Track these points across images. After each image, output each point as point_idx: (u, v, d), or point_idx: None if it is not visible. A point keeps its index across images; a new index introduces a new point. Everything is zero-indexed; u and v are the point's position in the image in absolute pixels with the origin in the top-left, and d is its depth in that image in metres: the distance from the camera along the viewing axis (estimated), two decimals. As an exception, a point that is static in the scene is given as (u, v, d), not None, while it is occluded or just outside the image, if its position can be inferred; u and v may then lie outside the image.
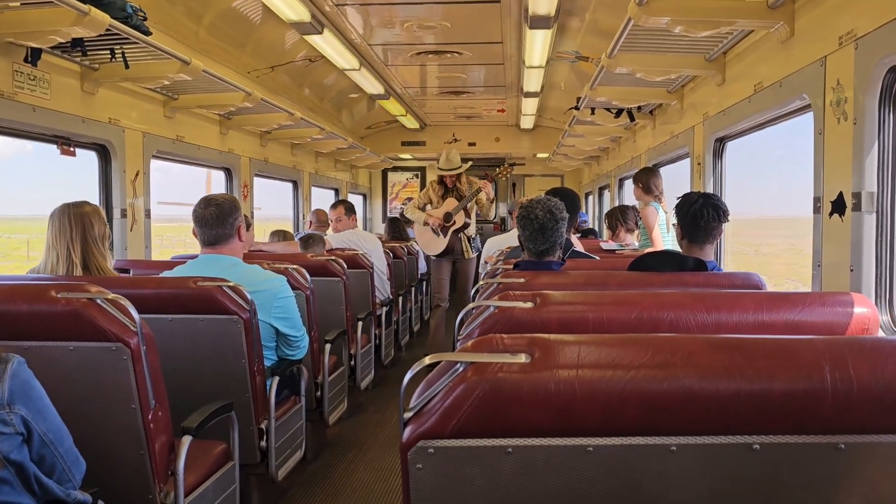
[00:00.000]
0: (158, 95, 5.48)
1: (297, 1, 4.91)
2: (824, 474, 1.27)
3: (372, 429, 5.33)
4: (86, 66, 4.53)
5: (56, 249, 3.11)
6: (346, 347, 5.19)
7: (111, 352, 2.36)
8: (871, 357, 1.26)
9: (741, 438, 1.26)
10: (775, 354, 1.27)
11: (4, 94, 3.84)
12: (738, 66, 4.42)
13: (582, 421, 1.26)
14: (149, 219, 5.33)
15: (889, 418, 1.25)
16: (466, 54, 7.27)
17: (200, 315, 3.06)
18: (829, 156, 3.18)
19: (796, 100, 3.56)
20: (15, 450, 1.84)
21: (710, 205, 3.31)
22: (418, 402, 1.33)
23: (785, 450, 1.26)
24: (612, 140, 8.57)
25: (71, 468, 1.98)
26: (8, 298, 2.37)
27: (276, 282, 3.56)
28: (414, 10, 5.75)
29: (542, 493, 1.29)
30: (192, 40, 5.25)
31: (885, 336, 2.74)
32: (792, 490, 1.28)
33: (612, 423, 1.26)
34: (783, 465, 1.27)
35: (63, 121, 4.37)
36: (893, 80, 2.83)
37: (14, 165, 16.56)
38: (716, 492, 1.29)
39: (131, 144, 5.11)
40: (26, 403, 1.85)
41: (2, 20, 3.51)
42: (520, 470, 1.27)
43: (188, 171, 6.56)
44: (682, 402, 1.25)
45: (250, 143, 7.45)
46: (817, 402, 1.24)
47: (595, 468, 1.27)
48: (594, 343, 1.31)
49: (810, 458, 1.26)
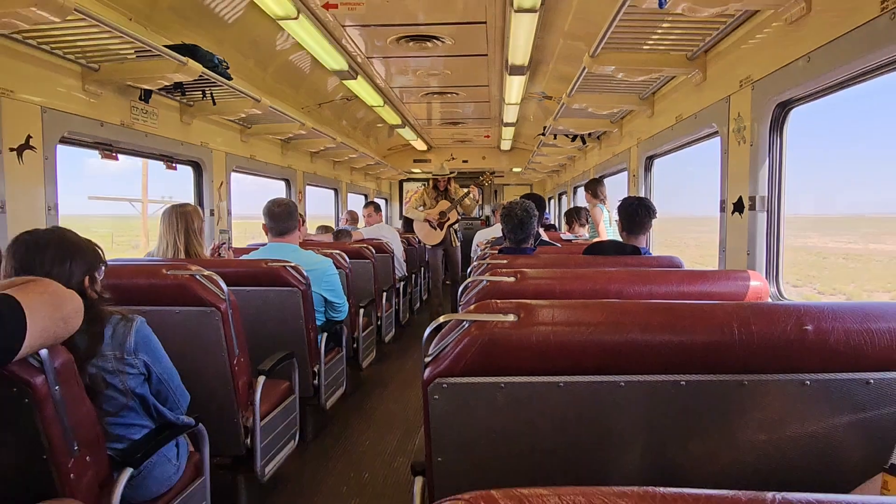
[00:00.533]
0: (236, 125, 5.46)
1: (337, 55, 4.89)
2: (732, 403, 1.28)
3: (394, 371, 5.36)
4: (183, 103, 4.53)
5: (166, 239, 3.14)
6: (375, 311, 5.22)
7: (207, 314, 2.39)
8: (766, 317, 1.26)
9: (671, 377, 1.27)
10: (696, 315, 1.28)
11: (125, 123, 3.83)
12: (664, 103, 4.41)
13: (555, 364, 1.27)
14: (230, 216, 5.33)
15: (779, 362, 1.26)
16: (462, 94, 7.24)
17: (270, 287, 3.08)
18: (732, 169, 3.18)
19: (707, 128, 3.56)
20: (139, 385, 1.86)
21: (643, 206, 3.32)
22: (435, 350, 1.34)
23: (703, 385, 1.27)
24: (569, 158, 8.55)
25: (179, 400, 2.00)
26: (132, 275, 2.39)
27: (325, 263, 3.57)
28: (423, 62, 5.73)
29: (525, 417, 1.31)
30: (260, 84, 5.23)
31: (774, 302, 2.76)
32: (709, 414, 1.29)
33: (577, 366, 1.27)
34: (702, 396, 1.28)
35: (167, 144, 4.36)
36: (780, 114, 2.84)
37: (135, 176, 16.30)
38: (653, 416, 1.30)
39: (217, 161, 5.10)
40: (147, 351, 1.87)
41: (123, 69, 3.50)
42: (509, 400, 1.28)
43: (255, 181, 6.58)
44: (627, 351, 1.26)
45: (303, 161, 7.43)
46: (727, 351, 1.25)
47: (565, 399, 1.28)
48: (564, 307, 1.31)
49: (722, 391, 1.27)
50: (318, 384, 3.42)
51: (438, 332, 1.40)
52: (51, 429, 1.46)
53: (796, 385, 1.27)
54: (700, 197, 21.76)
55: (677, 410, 1.28)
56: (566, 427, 1.30)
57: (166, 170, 4.50)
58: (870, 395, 1.27)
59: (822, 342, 1.24)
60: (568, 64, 4.95)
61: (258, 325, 2.97)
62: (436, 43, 5.05)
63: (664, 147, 4.51)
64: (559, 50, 4.87)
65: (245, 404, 2.56)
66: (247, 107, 4.65)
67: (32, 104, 3.09)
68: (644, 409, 1.29)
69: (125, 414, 1.82)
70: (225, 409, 2.50)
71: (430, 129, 9.86)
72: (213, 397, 2.46)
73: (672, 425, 1.30)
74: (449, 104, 7.86)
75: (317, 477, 3.20)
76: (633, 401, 1.28)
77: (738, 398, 1.28)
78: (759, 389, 1.27)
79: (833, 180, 45.22)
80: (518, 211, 3.46)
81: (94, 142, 3.65)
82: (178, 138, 4.50)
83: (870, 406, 1.28)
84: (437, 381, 1.28)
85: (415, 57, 5.52)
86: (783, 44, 2.65)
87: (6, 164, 2.91)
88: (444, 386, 1.28)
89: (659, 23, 3.07)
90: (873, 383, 1.26)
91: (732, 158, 3.17)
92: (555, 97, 6.08)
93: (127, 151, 4.00)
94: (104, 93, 3.62)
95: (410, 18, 4.46)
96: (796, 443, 1.30)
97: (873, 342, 1.24)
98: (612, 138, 6.11)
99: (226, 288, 2.44)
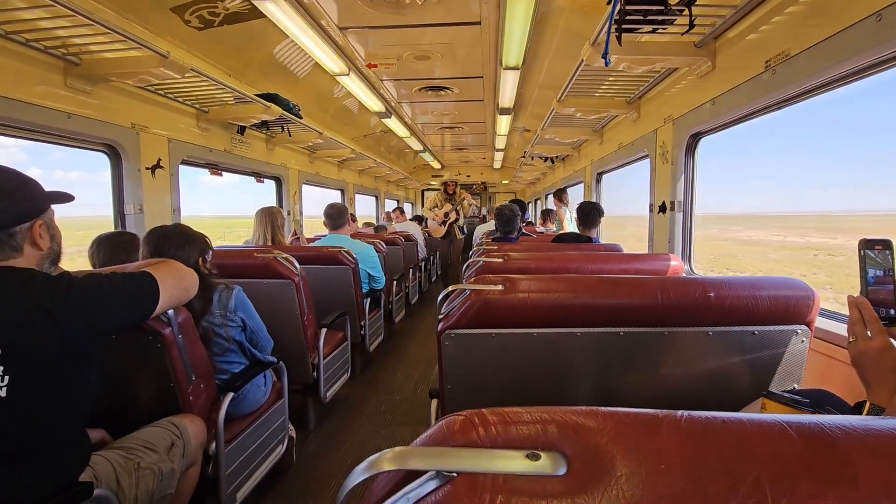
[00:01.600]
0: (305, 150, 5.44)
1: (377, 100, 4.86)
2: (657, 348, 1.27)
3: (418, 325, 5.36)
4: (268, 135, 4.51)
5: (258, 231, 3.14)
6: (404, 282, 5.20)
7: (285, 285, 2.39)
8: (681, 287, 1.25)
9: (614, 329, 1.26)
10: (631, 285, 1.27)
11: (227, 149, 3.83)
12: (610, 133, 4.35)
13: (530, 320, 1.27)
14: (302, 216, 5.34)
15: (690, 318, 1.25)
16: (465, 128, 7.17)
17: (329, 266, 3.08)
18: (658, 181, 3.14)
19: (640, 152, 3.51)
20: (237, 334, 1.87)
21: (594, 208, 3.29)
22: (445, 310, 1.34)
23: (636, 335, 1.26)
24: (542, 174, 8.48)
25: (265, 345, 2.01)
26: (234, 257, 2.40)
27: (369, 248, 3.56)
28: (438, 105, 5.66)
29: (509, 358, 1.30)
30: (322, 121, 5.21)
31: (687, 276, 2.74)
32: (640, 356, 1.29)
33: (545, 321, 1.27)
34: (636, 343, 1.27)
35: (257, 165, 4.36)
36: (693, 142, 2.79)
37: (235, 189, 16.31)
38: (600, 357, 1.29)
39: (292, 177, 5.09)
40: (243, 310, 1.88)
41: (225, 111, 3.50)
42: (498, 346, 1.28)
43: (319, 191, 6.54)
44: (582, 310, 1.26)
45: (354, 176, 7.40)
46: (653, 310, 1.24)
47: (537, 345, 1.28)
48: (537, 280, 1.31)
49: (649, 339, 1.27)
50: (363, 334, 3.44)
51: (448, 297, 1.40)
52: (175, 364, 1.48)
53: (702, 335, 1.26)
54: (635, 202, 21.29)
55: (617, 353, 1.28)
56: (538, 365, 1.30)
57: (256, 183, 4.51)
58: (754, 342, 1.26)
59: (721, 304, 1.23)
60: (541, 106, 4.89)
61: (321, 292, 2.97)
62: (447, 92, 5.00)
63: (610, 166, 4.45)
64: (535, 97, 4.80)
65: (312, 348, 2.57)
66: (313, 138, 4.64)
67: (162, 136, 3.10)
68: (594, 353, 1.28)
69: (228, 355, 1.84)
70: (298, 351, 2.52)
71: (443, 153, 9.79)
72: (289, 343, 2.47)
73: (614, 364, 1.30)
74: (456, 135, 7.79)
75: (363, 399, 3.22)
76: (586, 346, 1.27)
77: (661, 344, 1.27)
78: (675, 338, 1.26)
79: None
80: (506, 211, 3.45)
81: (204, 163, 3.66)
82: (264, 160, 4.49)
83: (754, 350, 1.27)
84: (447, 332, 1.28)
85: (432, 101, 5.47)
86: (695, 91, 2.60)
87: (144, 179, 2.93)
88: (452, 335, 1.28)
89: (606, 77, 3.03)
90: (757, 334, 1.25)
91: (658, 174, 3.12)
92: (532, 130, 6.01)
93: (228, 170, 4.02)
94: (212, 128, 3.62)
95: (429, 74, 4.42)
96: (701, 376, 1.30)
97: (757, 305, 1.23)
98: (573, 160, 6.04)
99: (298, 266, 2.44)
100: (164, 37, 2.90)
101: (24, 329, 1.03)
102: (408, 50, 3.75)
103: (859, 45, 1.50)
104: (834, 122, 16.99)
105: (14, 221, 1.10)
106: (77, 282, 1.13)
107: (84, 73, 2.43)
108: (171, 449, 1.41)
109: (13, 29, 2.07)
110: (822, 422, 0.42)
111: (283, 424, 2.13)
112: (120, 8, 2.56)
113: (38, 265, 1.16)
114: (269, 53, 3.53)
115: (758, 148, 24.38)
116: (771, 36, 1.94)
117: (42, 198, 1.17)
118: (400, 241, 5.17)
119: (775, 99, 1.98)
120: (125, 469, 1.28)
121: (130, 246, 1.95)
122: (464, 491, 0.40)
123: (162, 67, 2.35)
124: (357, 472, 0.44)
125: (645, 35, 2.24)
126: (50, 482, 1.09)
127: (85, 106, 2.54)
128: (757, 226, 17.81)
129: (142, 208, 2.90)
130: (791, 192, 45.66)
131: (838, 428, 0.41)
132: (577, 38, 3.00)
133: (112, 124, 2.71)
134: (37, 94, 2.29)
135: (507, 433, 0.44)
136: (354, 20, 3.13)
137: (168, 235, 1.73)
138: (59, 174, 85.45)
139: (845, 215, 18.19)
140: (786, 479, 0.38)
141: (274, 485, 2.18)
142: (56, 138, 2.47)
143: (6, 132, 2.24)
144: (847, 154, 16.58)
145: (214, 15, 2.84)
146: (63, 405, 1.12)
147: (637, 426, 0.43)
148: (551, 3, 2.81)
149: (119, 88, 2.72)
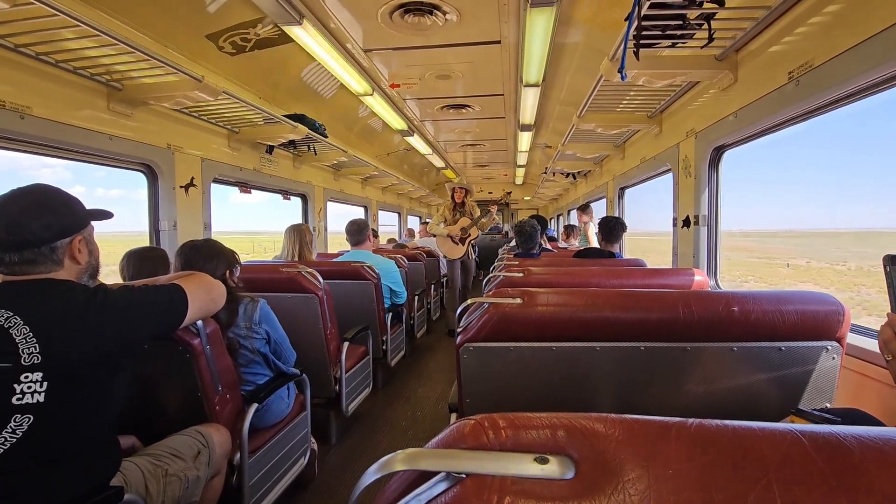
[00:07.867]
0: (330, 168, 5.56)
1: (400, 119, 4.94)
2: (679, 363, 1.25)
3: (437, 340, 5.35)
4: (295, 154, 4.64)
5: (286, 247, 3.18)
6: (425, 298, 5.22)
7: (309, 299, 2.42)
8: (704, 301, 1.23)
9: (635, 344, 1.25)
10: (653, 299, 1.25)
11: (256, 168, 3.96)
12: (633, 148, 4.32)
13: (548, 333, 1.26)
14: (326, 231, 5.43)
15: (713, 333, 1.22)
16: (487, 145, 7.21)
17: (352, 280, 3.11)
18: (681, 196, 3.09)
19: (663, 166, 3.47)
20: (262, 346, 1.90)
21: (618, 223, 3.25)
22: (464, 324, 1.35)
23: (657, 350, 1.24)
24: (564, 189, 8.45)
25: (289, 357, 2.03)
26: (261, 271, 2.45)
27: (391, 263, 3.59)
28: (460, 123, 5.73)
29: (527, 372, 1.29)
30: (347, 140, 5.33)
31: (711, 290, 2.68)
32: (661, 371, 1.26)
33: (564, 334, 1.26)
34: (656, 358, 1.25)
35: (284, 182, 4.47)
36: (716, 155, 2.75)
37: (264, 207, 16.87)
38: (620, 372, 1.27)
39: (318, 194, 5.21)
40: (267, 323, 1.92)
41: (255, 131, 3.63)
42: (515, 360, 1.28)
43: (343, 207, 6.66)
44: (602, 324, 1.25)
45: (377, 193, 7.52)
46: (675, 325, 1.22)
47: (555, 359, 1.27)
48: (555, 293, 1.30)
49: (671, 354, 1.24)
50: (385, 349, 3.45)
51: (466, 311, 1.41)
52: (203, 374, 1.52)
53: (727, 351, 1.23)
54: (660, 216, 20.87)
55: (638, 368, 1.26)
56: (555, 379, 1.29)
57: (283, 200, 4.62)
58: (782, 358, 1.23)
59: (745, 319, 1.20)
60: (562, 122, 4.90)
61: (344, 307, 3.00)
62: (468, 110, 5.06)
63: (633, 181, 4.41)
64: (556, 113, 4.82)
65: (335, 361, 2.60)
66: (338, 156, 4.75)
67: (195, 156, 3.23)
68: (613, 367, 1.27)
69: (252, 366, 1.87)
70: (321, 364, 2.54)
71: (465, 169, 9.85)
72: (312, 356, 2.49)
73: (633, 379, 1.27)
74: (478, 152, 7.85)
75: (384, 414, 3.22)
76: (605, 361, 1.26)
77: (683, 360, 1.24)
78: (699, 353, 1.24)
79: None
80: (527, 227, 3.46)
81: (235, 181, 3.78)
82: (291, 178, 4.61)
83: (782, 367, 1.23)
84: (465, 345, 1.28)
85: (454, 120, 5.54)
86: (717, 105, 2.57)
87: (178, 197, 3.05)
88: (470, 348, 1.28)
89: (627, 92, 3.02)
90: (784, 350, 1.22)
91: (681, 188, 3.08)
92: (553, 146, 6.01)
93: (257, 187, 4.14)
94: (242, 147, 3.75)
95: (450, 93, 4.49)
96: (727, 393, 1.26)
97: (784, 319, 1.20)
98: (595, 175, 6.01)
99: (322, 281, 2.48)
100: (199, 62, 3.05)
101: (62, 337, 1.08)
102: (430, 70, 3.83)
103: (886, 54, 1.47)
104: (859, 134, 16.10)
105: (56, 236, 1.17)
106: (112, 293, 1.19)
107: (125, 97, 2.57)
108: (197, 457, 1.44)
109: (63, 58, 2.21)
110: (837, 431, 0.41)
111: (305, 437, 2.14)
112: (159, 35, 2.71)
113: (77, 278, 1.22)
114: (296, 76, 3.66)
115: (786, 158, 23.32)
116: (794, 47, 1.92)
117: (83, 214, 1.24)
118: (421, 257, 5.20)
119: (800, 110, 1.94)
120: (153, 475, 1.31)
121: (157, 260, 2.05)
122: (473, 492, 0.40)
123: (196, 90, 2.47)
124: (370, 472, 0.45)
125: (665, 49, 2.24)
126: (82, 485, 1.13)
127: (125, 128, 2.67)
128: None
129: (176, 225, 3.01)
130: (831, 206, 43.28)
131: (853, 437, 0.40)
132: (598, 53, 3.02)
133: (149, 145, 2.84)
134: (83, 118, 2.43)
135: (517, 437, 0.45)
136: (378, 42, 3.22)
137: (198, 248, 1.80)
138: (100, 191, 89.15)
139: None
140: (796, 487, 0.38)
141: (295, 497, 2.19)
142: (99, 159, 2.60)
143: (55, 153, 2.38)
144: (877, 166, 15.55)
145: (246, 41, 2.97)
146: (96, 411, 1.16)
147: (646, 432, 0.43)
148: (571, 20, 2.84)
149: (156, 111, 2.86)
